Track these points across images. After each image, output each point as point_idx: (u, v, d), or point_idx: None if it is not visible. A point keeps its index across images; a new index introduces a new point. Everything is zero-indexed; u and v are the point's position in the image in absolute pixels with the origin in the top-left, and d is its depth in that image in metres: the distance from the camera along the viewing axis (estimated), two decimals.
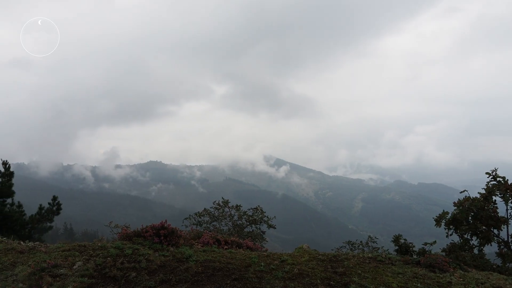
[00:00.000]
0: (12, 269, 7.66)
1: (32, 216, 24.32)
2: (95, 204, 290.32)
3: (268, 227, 26.44)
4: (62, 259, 8.03)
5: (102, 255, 8.36)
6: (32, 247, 8.89)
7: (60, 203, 25.46)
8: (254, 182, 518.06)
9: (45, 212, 24.63)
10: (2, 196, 23.76)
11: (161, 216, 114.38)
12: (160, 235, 9.50)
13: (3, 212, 23.03)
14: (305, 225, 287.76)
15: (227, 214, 26.81)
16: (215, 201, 27.61)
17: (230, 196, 34.84)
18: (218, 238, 10.96)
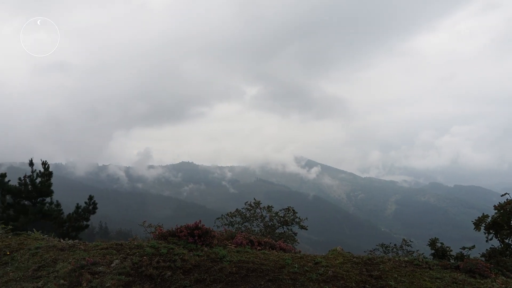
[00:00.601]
0: (54, 265, 7.91)
1: (70, 214, 25.00)
2: (129, 204, 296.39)
3: (300, 228, 26.28)
4: (101, 257, 8.24)
5: (139, 254, 8.52)
6: (72, 245, 9.16)
7: (96, 203, 26.07)
8: (284, 183, 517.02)
9: (81, 211, 25.28)
10: (41, 195, 24.55)
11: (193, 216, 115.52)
12: (194, 235, 9.60)
13: (42, 210, 23.80)
14: (337, 227, 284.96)
15: (259, 215, 26.80)
16: (247, 202, 27.65)
17: (261, 197, 35.05)
18: (251, 239, 10.99)
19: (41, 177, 24.56)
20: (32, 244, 9.27)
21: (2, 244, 9.23)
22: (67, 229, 24.36)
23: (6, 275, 7.69)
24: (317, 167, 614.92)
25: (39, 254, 8.61)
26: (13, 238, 9.97)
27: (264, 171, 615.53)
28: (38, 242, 9.41)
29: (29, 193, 24.02)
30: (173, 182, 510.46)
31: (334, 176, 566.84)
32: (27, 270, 7.80)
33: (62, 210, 25.02)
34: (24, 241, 9.61)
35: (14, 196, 23.98)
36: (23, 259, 8.41)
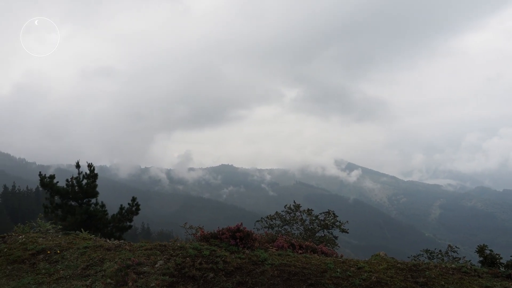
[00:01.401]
0: (101, 265, 8.17)
1: (114, 215, 25.68)
2: (170, 205, 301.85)
3: (341, 231, 25.90)
4: (145, 257, 8.44)
5: (182, 255, 8.66)
6: (117, 245, 9.42)
7: (139, 204, 26.62)
8: (324, 186, 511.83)
9: (125, 212, 25.88)
10: (87, 196, 25.33)
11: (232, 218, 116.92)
12: (236, 238, 9.66)
13: (88, 211, 24.55)
14: (378, 232, 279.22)
15: (299, 218, 26.62)
16: (286, 205, 27.53)
17: (300, 200, 34.76)
18: (293, 242, 10.94)
19: (87, 179, 25.35)
20: (80, 244, 9.60)
21: (53, 243, 9.61)
22: (112, 229, 25.03)
23: (57, 272, 8.01)
24: (358, 170, 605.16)
25: (87, 253, 8.91)
26: (63, 237, 10.36)
27: (304, 174, 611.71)
28: (86, 242, 9.74)
29: (76, 194, 24.84)
30: (212, 185, 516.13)
31: (376, 179, 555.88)
32: (76, 268, 8.09)
33: (107, 211, 25.73)
34: (73, 241, 9.97)
35: (62, 197, 24.86)
36: (72, 257, 8.73)
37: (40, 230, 11.17)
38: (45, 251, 9.14)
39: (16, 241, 9.82)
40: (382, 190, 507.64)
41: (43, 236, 10.31)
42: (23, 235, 10.25)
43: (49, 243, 9.60)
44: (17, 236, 10.17)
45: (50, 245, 9.45)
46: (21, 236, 10.18)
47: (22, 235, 10.33)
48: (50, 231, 11.10)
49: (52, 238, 10.13)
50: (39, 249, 9.23)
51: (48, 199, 24.72)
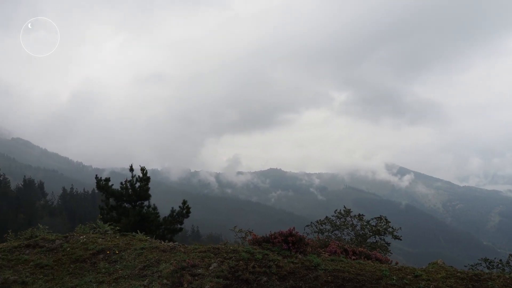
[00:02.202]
0: (157, 265, 8.40)
1: (165, 218, 26.25)
2: (219, 209, 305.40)
3: (394, 238, 25.20)
4: (199, 259, 8.58)
5: (235, 258, 8.73)
6: (172, 247, 9.65)
7: (189, 207, 27.05)
8: (375, 191, 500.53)
9: (176, 215, 26.40)
10: (140, 199, 26.08)
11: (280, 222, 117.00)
12: (288, 242, 9.62)
13: (141, 213, 25.26)
14: (432, 239, 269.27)
15: (349, 223, 26.17)
16: (336, 210, 27.15)
17: (350, 204, 34.09)
18: (346, 248, 10.77)
19: (140, 182, 26.09)
20: (137, 245, 9.91)
21: (112, 244, 9.99)
22: (163, 231, 25.61)
23: (116, 272, 8.31)
24: (410, 174, 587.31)
25: (143, 254, 9.18)
26: (121, 238, 10.75)
27: (353, 178, 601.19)
28: (143, 243, 10.04)
29: (129, 196, 25.63)
30: (261, 188, 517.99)
31: (429, 184, 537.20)
32: (134, 268, 8.36)
33: (159, 213, 26.36)
34: (130, 242, 10.32)
35: (116, 199, 25.74)
36: (130, 258, 9.03)
37: (99, 231, 11.65)
38: (104, 251, 9.51)
39: (78, 241, 10.29)
40: (436, 196, 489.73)
41: (102, 236, 10.74)
42: (84, 236, 10.72)
43: (108, 244, 9.98)
44: (79, 236, 10.66)
45: (109, 246, 9.83)
46: (82, 236, 10.66)
47: (83, 235, 10.81)
48: (108, 232, 11.55)
49: (110, 239, 10.53)
50: (99, 249, 9.62)
51: (103, 201, 25.66)
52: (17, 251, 9.74)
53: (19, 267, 8.87)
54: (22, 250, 9.82)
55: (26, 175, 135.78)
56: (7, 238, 11.31)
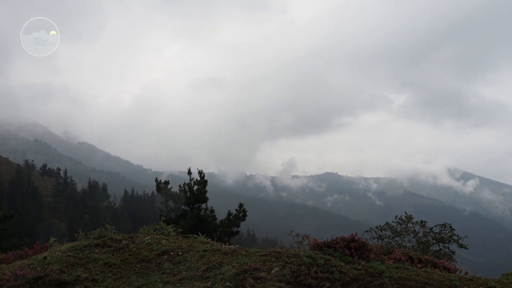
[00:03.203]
0: (220, 268, 8.49)
1: (222, 220, 26.55)
2: (274, 212, 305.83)
3: (459, 246, 24.02)
4: (261, 263, 8.58)
5: (296, 263, 8.65)
6: (234, 249, 9.73)
7: (246, 210, 27.17)
8: (436, 196, 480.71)
9: (232, 218, 26.62)
10: (198, 202, 26.54)
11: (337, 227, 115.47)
12: (351, 248, 9.40)
13: (199, 215, 25.70)
14: (500, 248, 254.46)
15: (411, 230, 25.25)
16: (397, 216, 26.31)
17: (409, 210, 32.74)
18: (411, 255, 10.36)
19: (197, 185, 26.57)
20: (199, 247, 10.09)
21: (175, 245, 10.23)
22: (220, 234, 25.91)
23: (180, 273, 8.49)
24: (475, 179, 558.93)
25: (206, 256, 9.32)
26: (183, 240, 10.99)
27: (413, 183, 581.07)
28: (205, 245, 10.20)
29: (187, 199, 26.16)
30: (317, 192, 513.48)
31: (496, 190, 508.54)
32: (197, 270, 8.50)
33: (216, 216, 26.72)
34: (192, 243, 10.52)
35: (175, 202, 26.39)
36: (193, 259, 9.19)
37: (162, 232, 11.98)
38: (168, 252, 9.76)
39: (143, 241, 10.64)
40: (504, 202, 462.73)
41: (165, 238, 11.03)
42: (148, 236, 11.06)
43: (172, 245, 10.24)
44: (143, 237, 11.01)
45: (173, 247, 10.07)
46: (147, 237, 11.00)
47: (147, 236, 11.16)
48: (171, 233, 11.85)
49: (173, 240, 10.79)
50: (163, 250, 9.88)
51: (163, 203, 26.35)
52: (87, 250, 10.21)
53: (90, 265, 9.28)
54: (92, 249, 10.28)
55: (90, 178, 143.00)
56: (78, 237, 11.89)
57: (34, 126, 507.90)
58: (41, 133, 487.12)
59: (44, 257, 9.81)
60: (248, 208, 27.32)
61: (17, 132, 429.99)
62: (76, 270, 8.93)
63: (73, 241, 12.14)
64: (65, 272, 8.77)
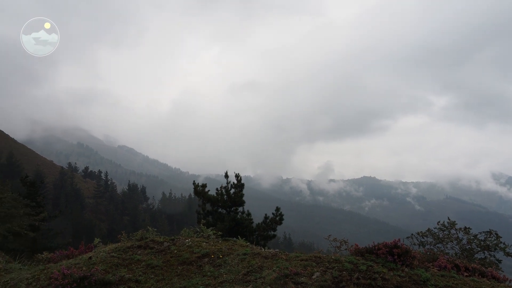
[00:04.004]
0: (260, 272, 8.47)
1: (259, 224, 26.55)
2: (311, 216, 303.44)
3: (506, 255, 23.03)
4: (302, 268, 8.50)
5: (338, 268, 8.51)
6: (274, 253, 9.68)
7: (282, 214, 27.07)
8: (479, 202, 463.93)
9: (269, 221, 26.59)
10: (235, 205, 26.67)
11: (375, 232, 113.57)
12: (394, 254, 9.16)
13: (235, 219, 25.82)
14: None
15: (454, 236, 24.43)
16: (439, 222, 25.52)
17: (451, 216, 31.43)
18: (457, 263, 9.99)
19: (234, 188, 26.72)
20: (239, 250, 10.11)
21: (215, 248, 10.30)
22: (257, 237, 25.94)
23: (220, 276, 8.53)
24: None
25: (246, 260, 9.32)
26: (223, 243, 11.04)
27: (455, 188, 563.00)
28: (245, 249, 10.21)
29: (224, 202, 26.35)
30: (354, 197, 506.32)
31: None
32: (237, 273, 8.51)
33: (252, 219, 26.77)
34: (232, 247, 10.55)
35: (212, 204, 26.64)
36: (233, 263, 9.22)
37: (202, 235, 12.09)
38: (209, 255, 9.83)
39: (184, 244, 10.76)
40: None
41: (206, 241, 11.12)
42: (189, 239, 11.19)
43: (212, 248, 10.31)
44: (184, 240, 11.14)
45: (213, 250, 10.14)
46: (188, 239, 11.12)
47: (188, 238, 11.29)
48: (211, 236, 11.94)
49: (213, 243, 10.86)
50: (204, 252, 9.96)
51: (200, 206, 26.64)
52: (130, 251, 10.43)
53: (133, 266, 9.47)
54: (135, 251, 10.49)
55: (130, 180, 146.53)
56: (121, 239, 12.17)
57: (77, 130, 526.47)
58: (84, 136, 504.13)
59: (89, 257, 10.09)
60: (284, 212, 27.27)
61: (62, 136, 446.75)
62: (120, 271, 9.13)
63: (116, 242, 12.43)
64: (109, 273, 8.99)
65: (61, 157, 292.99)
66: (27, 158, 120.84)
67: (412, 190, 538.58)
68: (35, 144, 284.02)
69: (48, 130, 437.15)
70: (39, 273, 9.50)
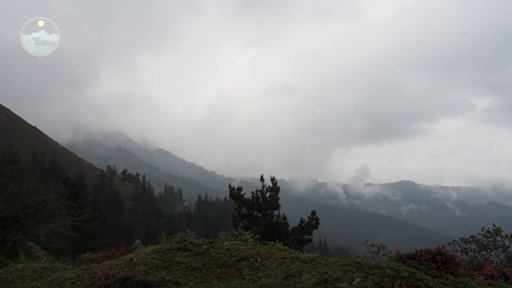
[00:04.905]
0: (299, 276, 8.38)
1: (294, 228, 26.39)
2: (346, 220, 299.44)
3: None
4: (342, 273, 8.35)
5: (378, 274, 8.31)
6: (313, 258, 9.57)
7: (318, 218, 26.78)
8: None
9: (305, 225, 26.38)
10: (270, 208, 26.62)
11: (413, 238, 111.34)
12: (437, 261, 8.87)
13: (271, 222, 25.75)
14: None
15: (499, 244, 23.46)
16: (484, 228, 24.57)
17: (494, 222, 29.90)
18: (505, 271, 9.57)
19: (270, 192, 26.69)
20: (277, 254, 10.05)
21: (253, 251, 10.28)
22: (292, 241, 25.78)
23: (259, 280, 8.49)
24: None
25: (285, 264, 9.26)
26: (261, 246, 11.02)
27: (498, 193, 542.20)
28: (283, 253, 10.15)
29: (260, 205, 26.35)
30: (391, 201, 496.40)
31: None
32: (276, 277, 8.46)
33: (288, 223, 26.64)
34: (270, 250, 10.51)
35: (248, 208, 26.69)
36: (272, 267, 9.17)
37: (240, 238, 12.11)
38: (247, 258, 9.82)
39: (222, 247, 10.81)
40: None
41: (244, 244, 11.13)
42: (227, 242, 11.23)
43: (250, 251, 10.30)
44: (222, 243, 11.19)
45: (251, 253, 10.13)
46: (226, 242, 11.17)
47: (226, 241, 11.33)
48: (249, 240, 11.94)
49: (252, 247, 10.85)
50: (242, 256, 9.96)
51: (236, 209, 26.74)
52: (170, 253, 10.56)
53: (172, 268, 9.59)
54: (174, 253, 10.62)
55: (167, 183, 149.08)
56: (161, 241, 12.36)
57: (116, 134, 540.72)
58: (123, 140, 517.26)
59: (130, 258, 10.28)
60: (319, 215, 27.02)
61: (102, 140, 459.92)
62: (160, 272, 9.25)
63: (154, 243, 12.63)
64: (150, 274, 9.12)
65: (100, 160, 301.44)
66: (69, 161, 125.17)
67: (452, 195, 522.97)
68: (77, 148, 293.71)
69: (89, 134, 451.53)
70: (83, 273, 9.75)
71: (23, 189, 18.92)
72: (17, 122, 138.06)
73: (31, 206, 18.71)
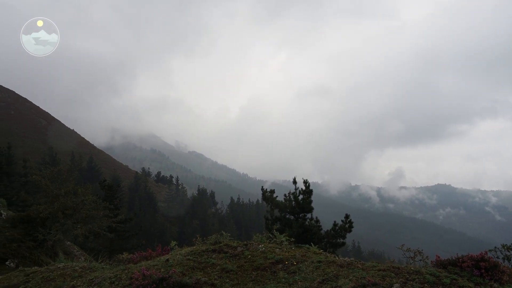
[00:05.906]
0: (336, 280, 8.24)
1: (327, 231, 26.09)
2: (381, 224, 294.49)
3: None
4: (380, 278, 8.16)
5: (418, 280, 8.08)
6: (349, 262, 9.41)
7: (352, 222, 26.43)
8: None
9: (338, 229, 26.06)
10: (303, 211, 26.43)
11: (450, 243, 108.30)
12: (480, 268, 8.54)
13: (304, 225, 25.56)
14: None
15: None
16: None
17: None
18: None
19: (303, 194, 26.51)
20: (313, 257, 9.94)
21: (289, 254, 10.20)
22: (325, 244, 25.49)
23: (295, 283, 8.41)
24: None
25: (321, 267, 9.13)
26: (296, 249, 10.93)
27: None
28: (318, 256, 10.02)
29: (293, 208, 26.20)
30: (427, 205, 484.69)
31: None
32: (312, 281, 8.35)
33: (321, 226, 26.36)
34: (305, 254, 10.40)
35: (280, 210, 26.60)
36: (307, 270, 9.07)
37: (275, 241, 12.06)
38: (282, 261, 9.75)
39: (257, 249, 10.78)
40: None
41: (279, 247, 11.06)
42: (262, 244, 11.19)
43: (285, 254, 10.23)
44: (257, 245, 11.16)
45: (286, 256, 10.05)
46: (261, 245, 11.13)
47: (261, 244, 11.30)
48: (284, 242, 11.87)
49: (287, 250, 10.78)
50: (278, 259, 9.90)
51: (268, 211, 26.71)
52: (205, 255, 10.62)
53: (208, 270, 9.63)
54: (209, 254, 10.67)
55: (199, 185, 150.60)
56: (196, 242, 12.46)
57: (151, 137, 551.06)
58: (157, 143, 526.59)
59: (166, 260, 10.40)
60: (353, 219, 26.70)
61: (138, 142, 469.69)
62: (196, 274, 9.31)
63: (189, 245, 12.74)
64: (186, 275, 9.19)
65: (135, 163, 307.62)
66: (106, 163, 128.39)
67: (491, 199, 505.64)
68: (113, 151, 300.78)
69: (126, 137, 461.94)
70: (121, 273, 9.94)
71: (62, 190, 19.47)
72: (56, 125, 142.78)
73: (70, 206, 19.25)
